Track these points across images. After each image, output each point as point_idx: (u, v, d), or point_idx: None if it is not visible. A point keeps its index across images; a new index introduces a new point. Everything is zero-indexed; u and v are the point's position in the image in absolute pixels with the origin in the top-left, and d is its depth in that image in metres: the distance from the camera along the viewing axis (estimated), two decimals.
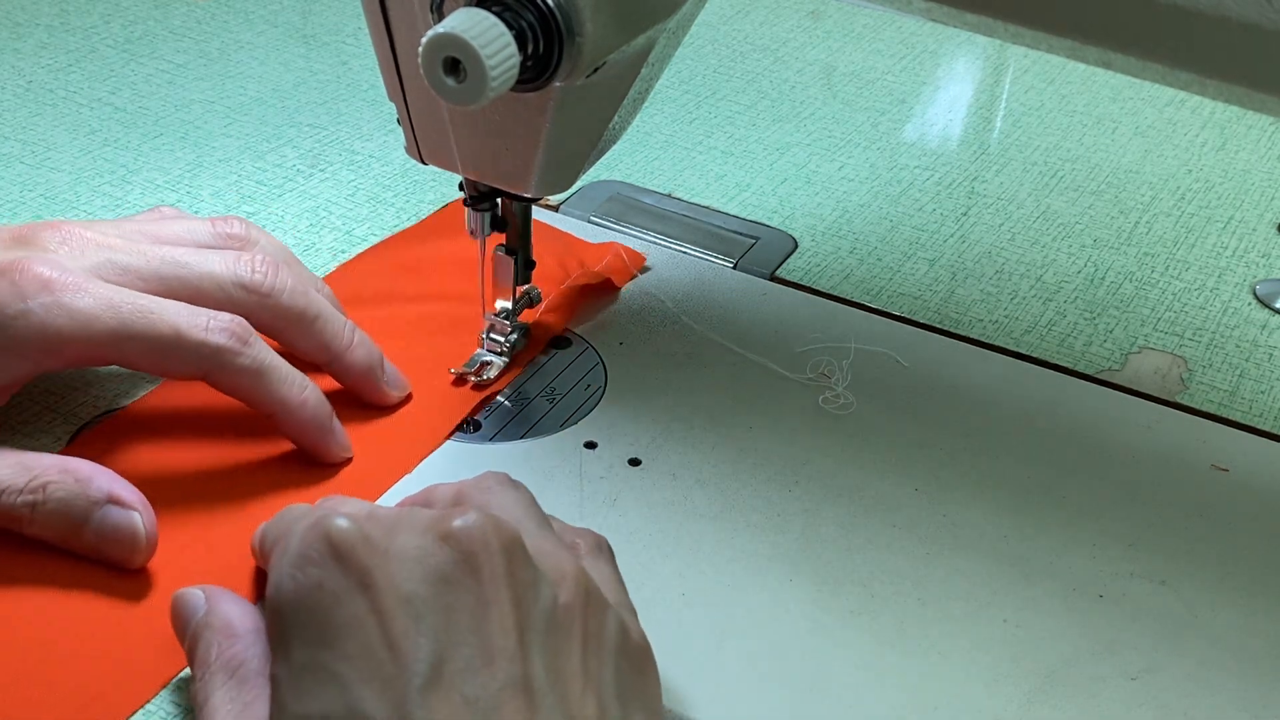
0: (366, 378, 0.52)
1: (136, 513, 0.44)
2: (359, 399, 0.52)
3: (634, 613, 0.41)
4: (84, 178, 0.68)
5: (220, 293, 0.49)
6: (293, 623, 0.36)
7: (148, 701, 0.41)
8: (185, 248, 0.50)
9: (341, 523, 0.36)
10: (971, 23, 0.43)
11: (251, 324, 0.49)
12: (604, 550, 0.42)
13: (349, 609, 0.35)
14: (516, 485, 0.43)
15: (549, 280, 0.59)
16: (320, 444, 0.49)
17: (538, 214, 0.66)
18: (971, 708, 0.43)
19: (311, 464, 0.50)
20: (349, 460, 0.50)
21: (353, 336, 0.52)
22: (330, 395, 0.51)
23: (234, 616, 0.40)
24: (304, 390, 0.49)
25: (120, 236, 0.49)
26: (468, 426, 0.53)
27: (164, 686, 0.42)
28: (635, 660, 0.39)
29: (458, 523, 0.36)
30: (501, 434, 0.53)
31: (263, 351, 0.48)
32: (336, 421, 0.50)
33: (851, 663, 0.44)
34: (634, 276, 0.62)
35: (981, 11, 0.42)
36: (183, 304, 0.47)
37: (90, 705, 0.41)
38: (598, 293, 0.61)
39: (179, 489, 0.48)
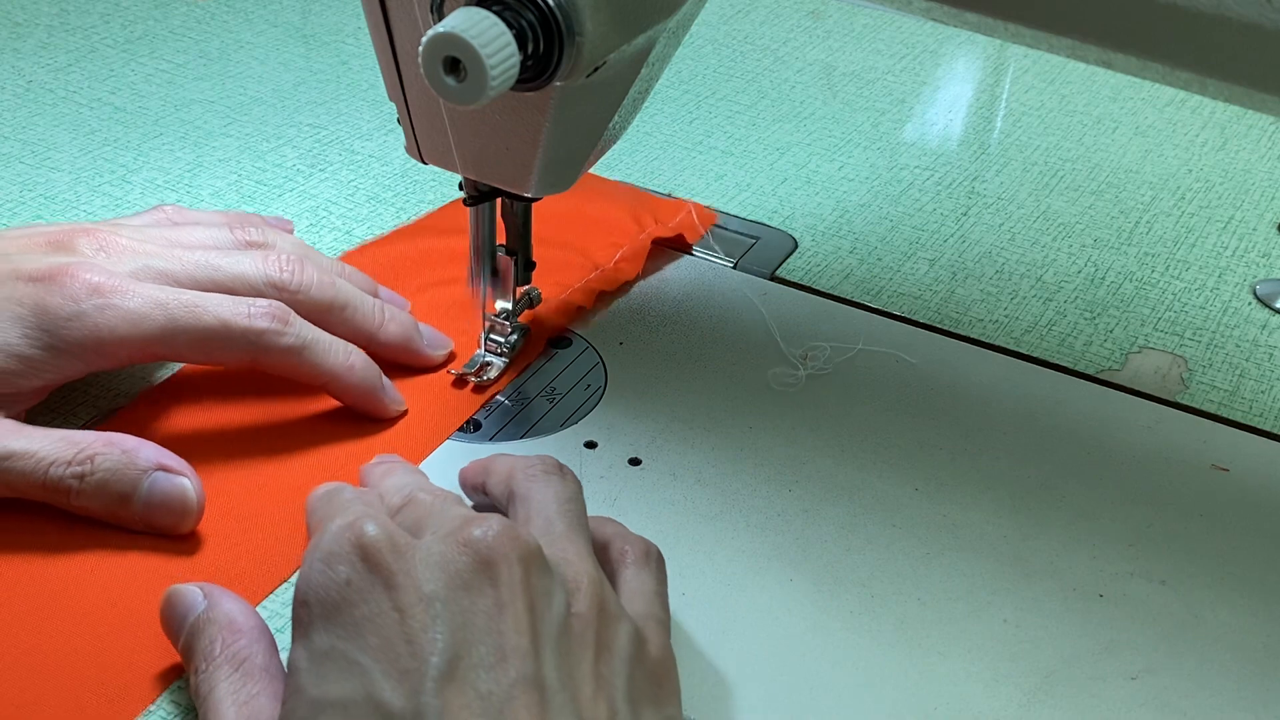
0: (406, 348, 0.54)
1: (185, 478, 0.46)
2: (406, 367, 0.54)
3: (665, 626, 0.41)
4: (84, 178, 0.68)
5: (252, 292, 0.51)
6: (318, 613, 0.37)
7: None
8: (215, 250, 0.52)
9: (372, 529, 0.38)
10: (971, 23, 0.43)
11: None
12: (652, 559, 0.43)
13: (373, 605, 0.36)
14: (564, 476, 0.44)
15: (622, 232, 0.64)
16: (374, 403, 0.52)
17: (605, 171, 0.70)
18: (971, 708, 0.43)
19: (345, 434, 0.51)
20: (404, 413, 0.52)
21: (383, 314, 0.54)
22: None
23: (236, 613, 0.40)
24: (350, 356, 0.51)
25: (151, 243, 0.51)
26: (468, 426, 0.53)
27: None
28: (652, 671, 0.39)
29: (477, 532, 0.37)
30: (501, 434, 0.53)
31: (304, 328, 0.50)
32: (386, 380, 0.52)
33: (851, 663, 0.44)
34: (702, 236, 0.66)
35: (981, 11, 0.42)
36: (224, 295, 0.49)
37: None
38: (670, 246, 0.65)
39: (216, 461, 0.49)
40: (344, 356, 0.51)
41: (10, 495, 0.45)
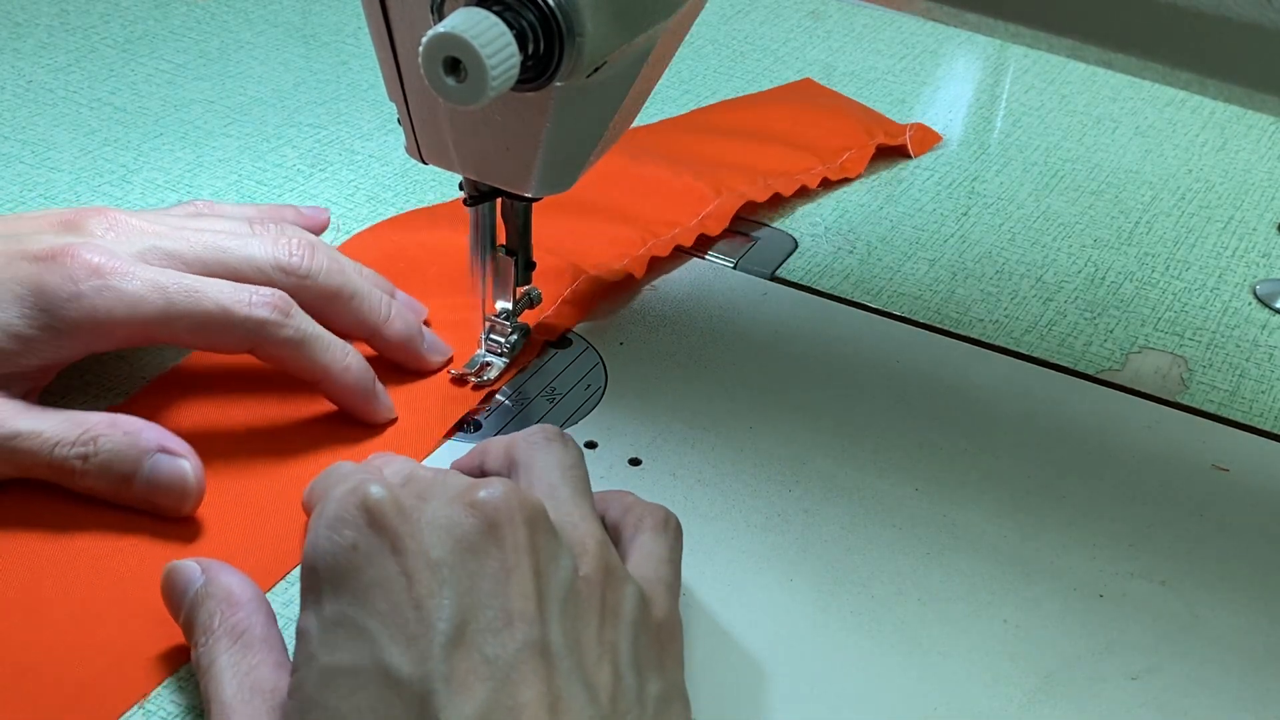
0: (406, 347, 0.54)
1: (185, 460, 0.46)
2: (403, 368, 0.54)
3: (673, 590, 0.42)
4: (84, 178, 0.68)
5: (259, 275, 0.50)
6: (326, 579, 0.37)
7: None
8: (226, 234, 0.52)
9: (376, 490, 0.38)
10: (971, 23, 0.43)
11: None
12: (670, 527, 0.44)
13: (380, 569, 0.36)
14: (565, 443, 0.44)
15: (851, 140, 0.73)
16: (365, 407, 0.51)
17: (840, 87, 0.81)
18: (971, 708, 0.43)
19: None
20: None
21: (390, 310, 0.54)
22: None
23: (234, 585, 0.41)
24: (346, 356, 0.51)
25: (163, 225, 0.51)
26: (468, 426, 0.53)
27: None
28: (656, 634, 0.40)
29: (483, 494, 0.37)
30: (501, 434, 0.53)
31: (305, 322, 0.50)
32: (379, 385, 0.52)
33: (851, 663, 0.44)
34: (922, 154, 0.75)
35: (981, 11, 0.42)
36: (226, 281, 0.49)
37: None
38: (892, 155, 0.74)
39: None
40: (341, 356, 0.51)
41: (16, 475, 0.46)
